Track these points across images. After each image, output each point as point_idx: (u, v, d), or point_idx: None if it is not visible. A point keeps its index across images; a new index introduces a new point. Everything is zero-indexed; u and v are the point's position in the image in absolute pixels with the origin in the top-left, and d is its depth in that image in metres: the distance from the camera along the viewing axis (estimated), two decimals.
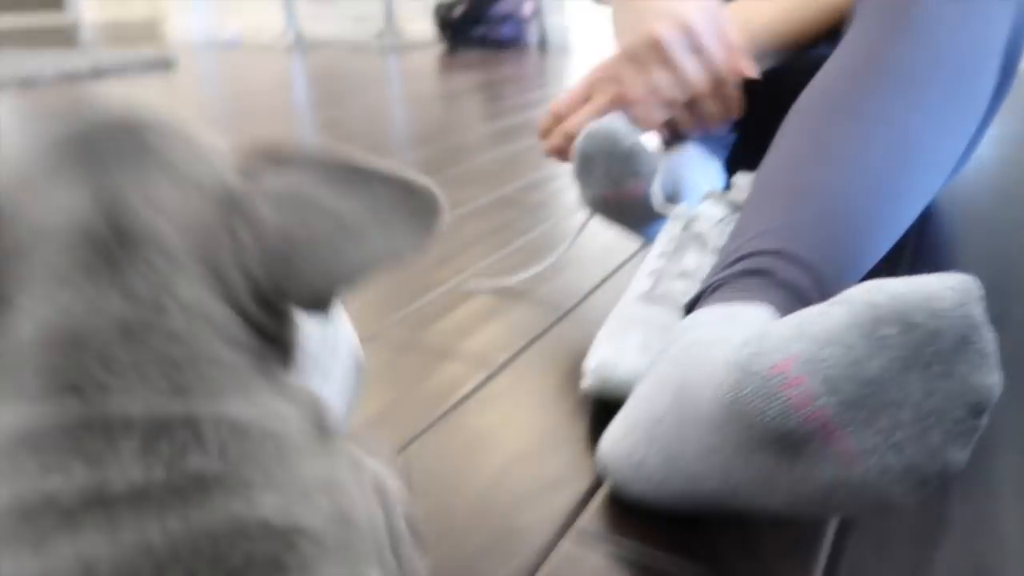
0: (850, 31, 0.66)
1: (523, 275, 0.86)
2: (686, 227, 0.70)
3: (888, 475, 0.36)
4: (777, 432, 0.38)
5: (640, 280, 0.69)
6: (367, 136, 1.69)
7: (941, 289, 0.34)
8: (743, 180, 0.78)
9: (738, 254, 0.55)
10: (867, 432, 0.36)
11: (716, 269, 0.57)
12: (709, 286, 0.55)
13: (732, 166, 0.93)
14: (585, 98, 0.80)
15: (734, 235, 0.59)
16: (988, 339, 0.35)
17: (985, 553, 0.48)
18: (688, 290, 0.66)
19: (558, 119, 0.82)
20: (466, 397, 0.66)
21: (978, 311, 0.35)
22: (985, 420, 0.35)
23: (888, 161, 0.57)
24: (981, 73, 0.62)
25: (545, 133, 0.83)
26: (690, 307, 0.56)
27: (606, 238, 1.01)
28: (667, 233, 0.72)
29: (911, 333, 0.34)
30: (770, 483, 0.40)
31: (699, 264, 0.68)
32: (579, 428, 0.62)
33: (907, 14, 0.61)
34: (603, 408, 0.63)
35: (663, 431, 0.46)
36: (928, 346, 0.34)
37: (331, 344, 0.47)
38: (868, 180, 0.57)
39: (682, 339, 0.49)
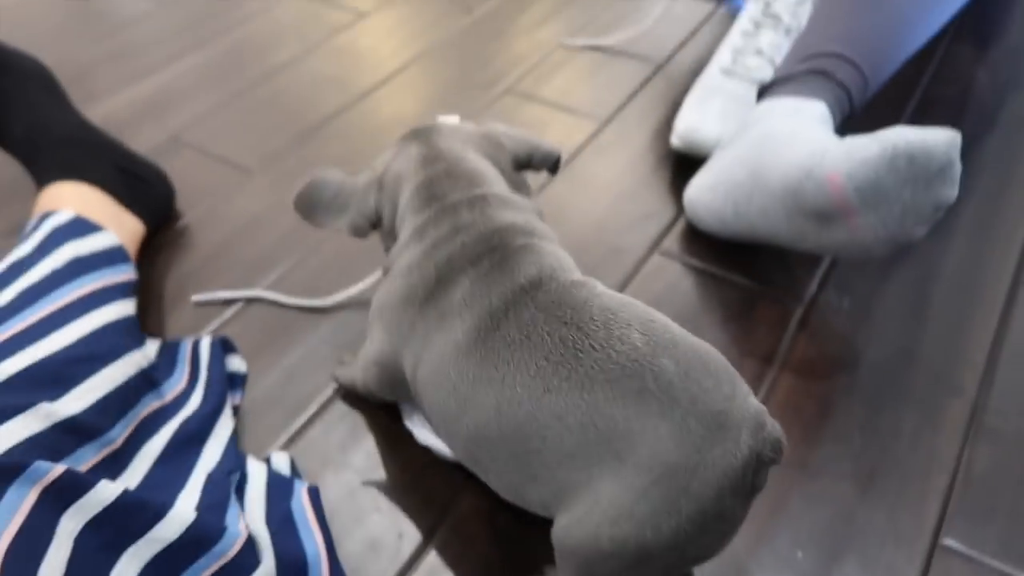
0: None
1: (621, 35, 1.02)
2: (765, 9, 0.85)
3: (877, 240, 0.59)
4: (818, 208, 0.61)
5: (722, 54, 0.86)
6: None
7: (935, 141, 0.55)
8: None
9: (807, 51, 0.72)
10: (871, 215, 0.58)
11: (790, 61, 0.74)
12: (783, 76, 0.72)
13: None
14: None
15: (807, 32, 0.75)
16: (957, 170, 0.56)
17: (926, 280, 0.72)
18: (762, 66, 0.83)
19: None
20: (582, 147, 0.88)
21: (955, 154, 0.55)
22: (942, 214, 0.58)
23: None
24: None
25: None
26: (763, 90, 0.74)
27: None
28: (748, 13, 0.87)
29: (913, 165, 0.55)
30: (804, 236, 0.64)
31: (773, 42, 0.84)
32: (667, 173, 0.84)
33: None
34: (686, 160, 0.85)
35: (739, 193, 0.68)
36: (921, 172, 0.56)
37: None
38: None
39: (760, 125, 0.69)
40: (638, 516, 0.37)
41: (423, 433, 0.58)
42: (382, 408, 0.63)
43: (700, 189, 0.74)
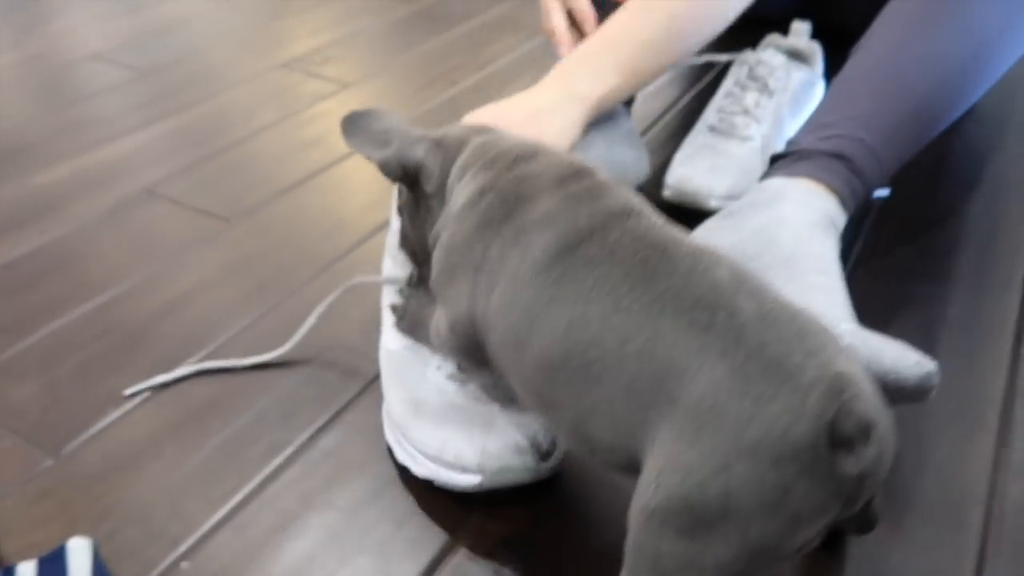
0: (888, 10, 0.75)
1: None
2: (749, 72, 0.87)
3: None
4: None
5: (709, 113, 0.87)
6: None
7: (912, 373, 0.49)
8: (801, 26, 0.93)
9: (829, 131, 0.68)
10: None
11: (810, 131, 0.69)
12: (801, 150, 0.68)
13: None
14: None
15: (831, 101, 0.72)
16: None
17: (931, 324, 0.70)
18: (748, 123, 0.84)
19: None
20: None
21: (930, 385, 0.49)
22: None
23: (965, 67, 0.70)
24: None
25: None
26: (777, 157, 0.70)
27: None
28: (733, 75, 0.89)
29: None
30: None
31: (758, 102, 0.85)
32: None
33: None
34: (677, 209, 0.84)
35: (752, 264, 0.65)
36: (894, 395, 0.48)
37: None
38: (946, 84, 0.70)
39: (769, 211, 0.63)
40: (683, 468, 0.32)
41: (423, 463, 0.53)
42: (371, 447, 0.57)
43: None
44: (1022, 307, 0.72)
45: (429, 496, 0.53)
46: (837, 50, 0.86)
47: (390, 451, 0.56)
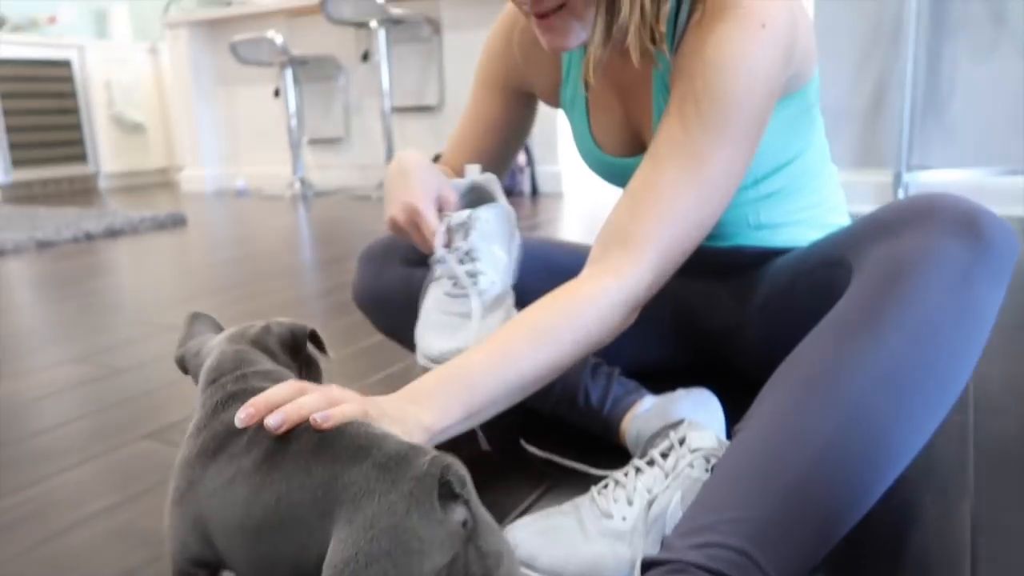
0: (846, 300, 0.65)
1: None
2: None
3: None
4: None
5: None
6: None
7: None
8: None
9: (704, 537, 0.55)
10: None
11: (682, 531, 0.57)
12: (669, 559, 0.55)
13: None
14: None
15: (704, 502, 0.58)
16: None
17: None
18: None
19: None
20: None
21: None
22: None
23: (864, 460, 0.57)
24: (962, 381, 0.61)
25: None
26: (646, 565, 0.57)
27: None
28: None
29: None
30: None
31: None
32: None
33: (904, 308, 0.60)
34: None
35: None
36: None
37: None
38: (843, 479, 0.56)
39: None
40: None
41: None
42: None
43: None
44: None
45: None
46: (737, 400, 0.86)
47: None
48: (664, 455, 0.73)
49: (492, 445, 0.83)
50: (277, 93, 4.44)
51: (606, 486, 0.72)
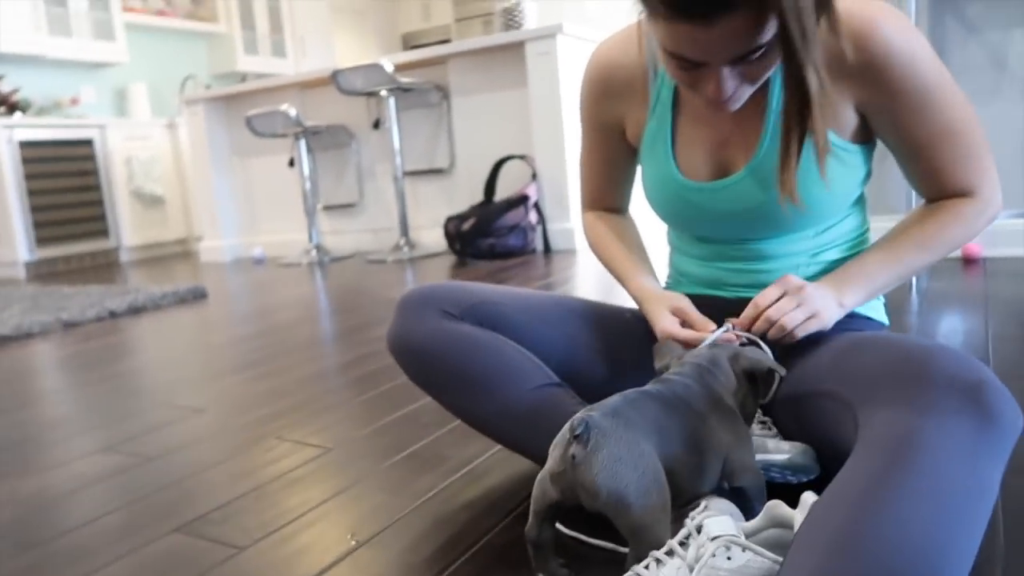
0: (854, 470, 0.69)
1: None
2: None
3: None
4: None
5: None
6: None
7: None
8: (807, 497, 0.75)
9: None
10: None
11: None
12: None
13: None
14: None
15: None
16: None
17: None
18: None
19: None
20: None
21: None
22: None
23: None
24: (972, 555, 0.63)
25: None
26: None
27: None
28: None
29: None
30: None
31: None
32: None
33: (916, 480, 0.64)
34: None
35: None
36: None
37: None
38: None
39: None
40: None
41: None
42: None
43: None
44: None
45: None
46: None
47: None
48: (683, 543, 0.73)
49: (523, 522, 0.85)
50: (292, 163, 4.53)
51: None
